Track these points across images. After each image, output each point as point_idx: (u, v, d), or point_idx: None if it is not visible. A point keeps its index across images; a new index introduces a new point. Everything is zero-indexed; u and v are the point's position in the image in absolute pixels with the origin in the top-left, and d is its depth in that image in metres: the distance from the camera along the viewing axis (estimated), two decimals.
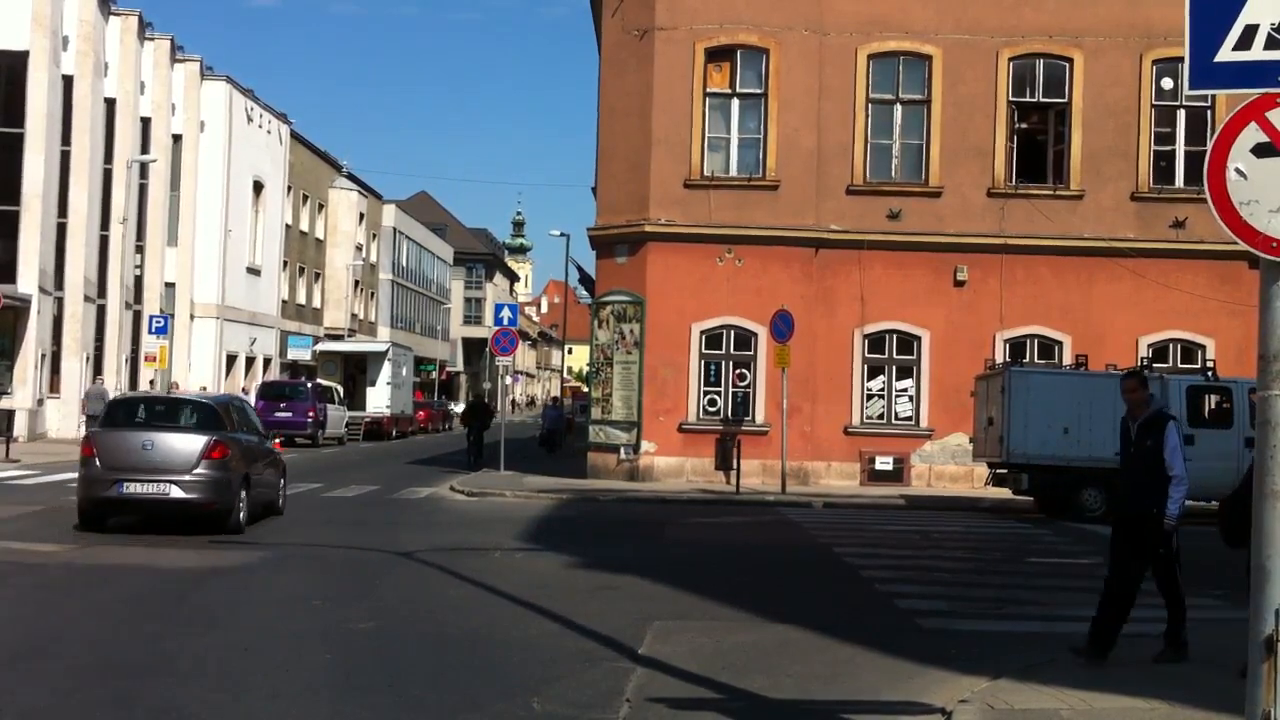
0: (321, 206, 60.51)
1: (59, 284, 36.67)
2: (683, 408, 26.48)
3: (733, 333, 26.77)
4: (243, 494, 15.89)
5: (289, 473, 19.63)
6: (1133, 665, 8.85)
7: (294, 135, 55.24)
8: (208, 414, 16.25)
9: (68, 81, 36.71)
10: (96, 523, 15.57)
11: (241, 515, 15.87)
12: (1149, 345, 26.42)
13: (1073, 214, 26.88)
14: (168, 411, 16.70)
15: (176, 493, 15.24)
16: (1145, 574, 8.93)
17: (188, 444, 15.44)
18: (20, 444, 30.73)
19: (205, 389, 38.94)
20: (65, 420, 37.04)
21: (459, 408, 52.85)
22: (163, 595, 11.52)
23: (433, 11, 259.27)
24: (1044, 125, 27.96)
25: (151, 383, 36.73)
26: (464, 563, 13.88)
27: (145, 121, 42.16)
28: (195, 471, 15.24)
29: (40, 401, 35.82)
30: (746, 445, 24.85)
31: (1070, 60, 26.97)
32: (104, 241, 38.97)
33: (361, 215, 64.57)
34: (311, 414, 38.86)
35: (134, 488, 15.24)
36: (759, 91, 26.85)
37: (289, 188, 54.44)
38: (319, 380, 43.68)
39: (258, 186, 50.05)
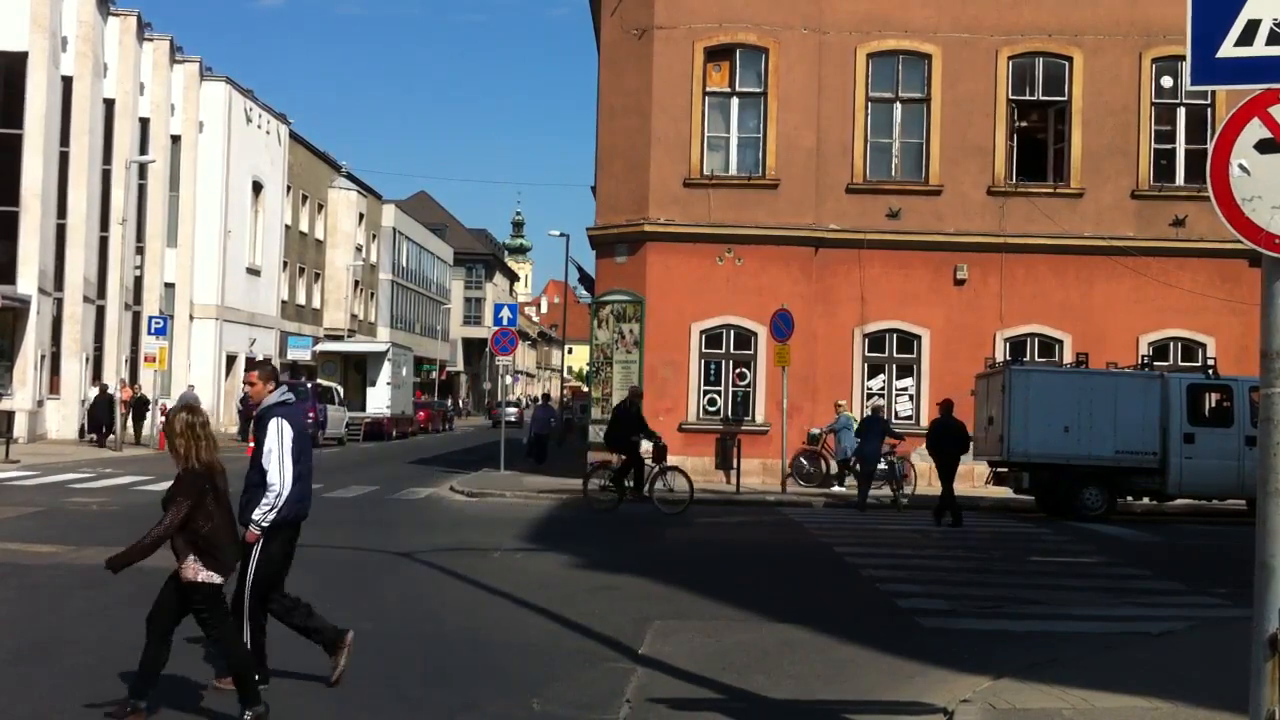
0: (321, 207, 60.47)
1: (58, 285, 36.65)
2: (682, 407, 26.46)
3: (732, 332, 26.75)
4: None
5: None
6: (1135, 664, 8.84)
7: (293, 135, 55.19)
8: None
9: (67, 82, 36.69)
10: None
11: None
12: (1149, 344, 26.40)
13: (1073, 212, 26.86)
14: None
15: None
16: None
17: None
18: (20, 445, 30.76)
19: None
20: (65, 422, 37.02)
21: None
22: None
23: (436, 13, 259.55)
24: (1044, 124, 27.96)
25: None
26: (464, 563, 13.86)
27: (144, 122, 42.14)
28: None
29: (40, 402, 35.79)
30: (746, 444, 24.82)
31: (1070, 59, 26.95)
32: (103, 242, 38.93)
33: (361, 215, 64.54)
34: (312, 414, 38.73)
35: None
36: (758, 90, 26.82)
37: (288, 188, 54.40)
38: (319, 380, 43.63)
39: (257, 187, 49.99)
